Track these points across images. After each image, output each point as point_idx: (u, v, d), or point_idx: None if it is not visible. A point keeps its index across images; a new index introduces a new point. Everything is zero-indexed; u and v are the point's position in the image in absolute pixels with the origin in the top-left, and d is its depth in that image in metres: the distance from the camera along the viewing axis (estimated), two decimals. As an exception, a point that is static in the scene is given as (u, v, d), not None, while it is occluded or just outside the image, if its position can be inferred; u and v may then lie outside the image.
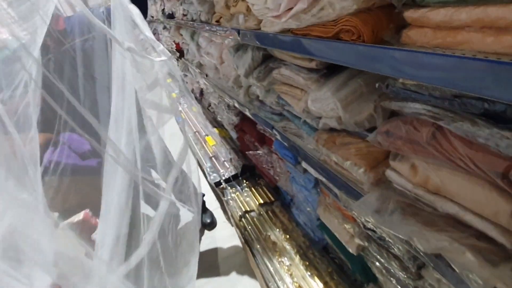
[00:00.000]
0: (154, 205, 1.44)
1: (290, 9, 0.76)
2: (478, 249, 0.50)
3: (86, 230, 1.62)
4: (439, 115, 0.56)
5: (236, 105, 1.87)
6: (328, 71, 0.98)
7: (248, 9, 1.16)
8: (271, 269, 1.62)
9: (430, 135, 0.58)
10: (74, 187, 1.71)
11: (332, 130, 0.99)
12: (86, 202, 1.78)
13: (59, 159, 1.75)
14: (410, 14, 0.54)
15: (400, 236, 0.63)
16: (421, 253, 0.66)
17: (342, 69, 0.93)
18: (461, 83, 0.45)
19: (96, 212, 1.62)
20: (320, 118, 1.03)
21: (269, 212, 1.97)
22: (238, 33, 1.25)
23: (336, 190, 1.14)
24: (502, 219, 0.48)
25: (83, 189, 1.80)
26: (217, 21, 1.59)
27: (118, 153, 1.13)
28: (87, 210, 1.74)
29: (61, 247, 0.96)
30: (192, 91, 4.13)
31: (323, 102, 0.89)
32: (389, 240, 0.94)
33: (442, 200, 0.59)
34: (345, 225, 1.27)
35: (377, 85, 0.71)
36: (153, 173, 1.73)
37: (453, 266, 0.55)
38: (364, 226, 1.11)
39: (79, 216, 1.67)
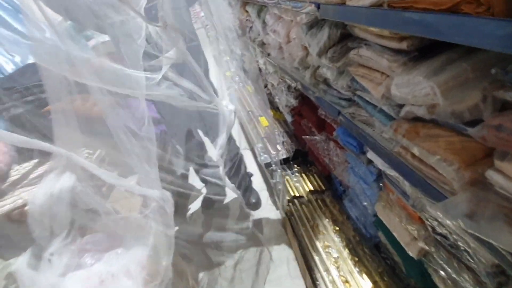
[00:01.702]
0: None
1: (396, -23, 0.67)
2: None
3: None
4: None
5: (299, 87, 1.80)
6: (419, 54, 0.88)
7: (334, -19, 1.08)
8: (316, 258, 1.58)
9: None
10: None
11: (415, 119, 0.90)
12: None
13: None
14: None
15: (502, 247, 0.54)
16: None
17: (436, 53, 0.83)
18: None
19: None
20: (402, 105, 0.94)
21: (319, 200, 1.91)
22: (318, 8, 1.17)
23: (407, 187, 1.04)
24: None
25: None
26: (293, -4, 1.51)
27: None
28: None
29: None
30: (250, 70, 4.11)
31: (413, 87, 0.80)
32: (468, 249, 0.85)
33: None
34: (408, 226, 1.17)
35: (493, 70, 0.61)
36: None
37: None
38: (434, 230, 1.02)
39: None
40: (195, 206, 2.55)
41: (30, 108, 2.78)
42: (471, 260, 0.87)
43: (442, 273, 1.04)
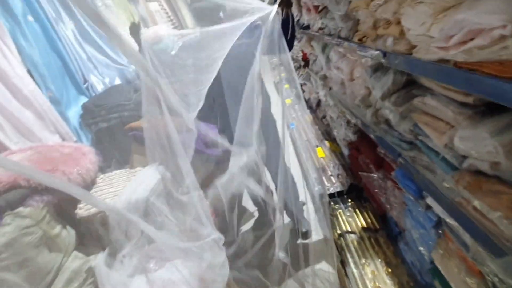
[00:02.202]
0: None
1: (463, 42, 0.73)
2: None
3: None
4: None
5: (359, 124, 1.85)
6: (486, 108, 0.90)
7: (402, 33, 1.14)
8: (366, 298, 1.56)
9: None
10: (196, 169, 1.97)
11: (478, 173, 0.91)
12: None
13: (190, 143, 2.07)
14: None
15: None
16: None
17: (503, 110, 0.84)
18: None
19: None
20: (465, 157, 0.95)
21: (372, 239, 1.88)
22: (384, 55, 1.24)
23: (468, 239, 1.03)
24: None
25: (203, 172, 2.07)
26: (360, 40, 1.60)
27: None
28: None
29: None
30: (309, 100, 4.22)
31: (477, 143, 0.83)
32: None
33: None
34: (467, 279, 1.13)
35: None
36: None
37: None
38: (494, 286, 0.98)
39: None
40: (246, 227, 2.66)
41: (114, 124, 3.18)
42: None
43: (504, 335, 0.98)
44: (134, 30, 1.89)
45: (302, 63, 4.06)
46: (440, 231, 1.32)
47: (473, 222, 0.90)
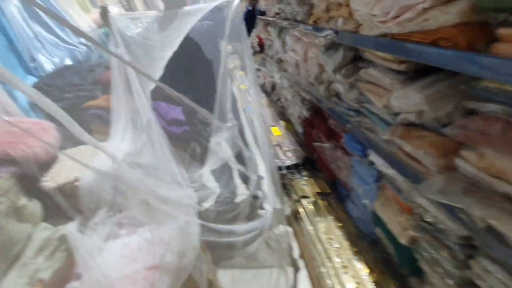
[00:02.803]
0: None
1: (396, 16, 0.94)
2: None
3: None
4: (510, 113, 0.70)
5: (313, 99, 2.07)
6: (415, 74, 1.14)
7: (350, 14, 1.35)
8: (320, 249, 1.79)
9: (501, 129, 0.72)
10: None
11: (408, 125, 1.15)
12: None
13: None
14: (502, 31, 0.69)
15: (453, 204, 0.78)
16: (475, 228, 0.80)
17: (427, 74, 1.09)
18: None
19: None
20: (398, 114, 1.19)
21: (324, 201, 2.14)
22: (336, 34, 1.44)
23: (401, 183, 1.28)
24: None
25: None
26: (314, 22, 1.80)
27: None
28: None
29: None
30: (264, 84, 4.41)
31: (407, 99, 1.06)
32: (443, 228, 1.08)
33: (501, 182, 0.73)
34: (401, 218, 1.40)
35: (462, 87, 0.86)
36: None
37: (500, 232, 0.70)
38: (421, 217, 1.25)
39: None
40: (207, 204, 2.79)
41: (68, 104, 3.08)
42: (446, 237, 1.09)
43: (426, 254, 1.26)
44: (104, 12, 1.92)
45: (258, 49, 4.22)
46: (380, 184, 1.59)
47: (405, 166, 1.15)
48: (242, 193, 2.24)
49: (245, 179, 2.36)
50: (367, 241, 1.78)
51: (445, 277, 1.16)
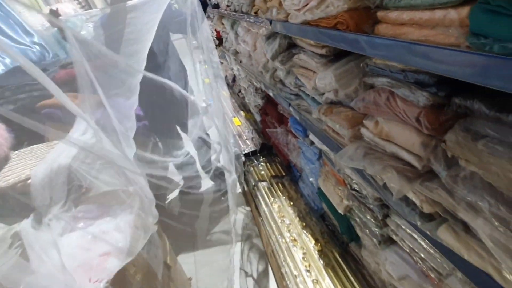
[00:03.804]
0: None
1: (306, 5, 1.04)
2: (401, 170, 0.77)
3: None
4: (392, 84, 0.83)
5: (263, 87, 2.17)
6: (335, 57, 1.25)
7: (280, 4, 1.45)
8: (273, 226, 1.91)
9: (386, 98, 0.84)
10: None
11: (331, 103, 1.27)
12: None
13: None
14: (379, 14, 0.81)
15: (357, 167, 0.90)
16: (375, 184, 0.93)
17: (345, 56, 1.21)
18: (400, 58, 0.72)
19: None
20: (323, 94, 1.31)
21: (279, 183, 2.26)
22: (270, 23, 1.54)
23: (331, 154, 1.41)
24: (416, 149, 0.75)
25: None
26: (255, 13, 1.89)
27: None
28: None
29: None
30: (226, 77, 4.47)
31: (325, 80, 1.17)
32: (365, 192, 1.21)
33: (388, 143, 0.86)
34: (338, 189, 1.53)
35: (361, 65, 0.98)
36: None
37: (387, 185, 0.82)
38: (351, 187, 1.38)
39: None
40: (173, 195, 2.86)
41: (22, 105, 3.01)
42: (368, 201, 1.23)
43: (358, 219, 1.40)
44: (53, 11, 1.92)
45: (217, 42, 4.26)
46: (321, 161, 1.72)
47: (331, 140, 1.27)
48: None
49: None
50: (316, 216, 1.92)
51: (371, 237, 1.31)
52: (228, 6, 2.77)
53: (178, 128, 2.53)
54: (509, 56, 0.47)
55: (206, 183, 2.70)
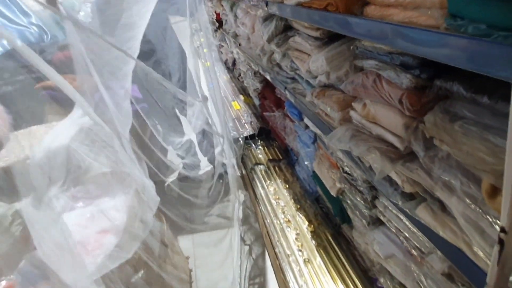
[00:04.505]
0: None
1: (299, -14, 1.04)
2: (384, 151, 0.79)
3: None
4: (380, 66, 0.83)
5: (261, 70, 2.17)
6: (329, 40, 1.25)
7: (276, -15, 1.44)
8: (269, 208, 1.95)
9: (373, 81, 0.85)
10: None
11: (324, 86, 1.28)
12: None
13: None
14: (368, -5, 0.81)
15: (345, 148, 0.92)
16: (362, 166, 0.95)
17: (339, 40, 1.21)
18: (385, 40, 0.72)
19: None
20: (316, 77, 1.31)
21: (276, 167, 2.29)
22: (266, 4, 1.53)
23: (324, 138, 1.43)
24: (399, 130, 0.76)
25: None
26: (253, -6, 1.87)
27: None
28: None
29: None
30: (226, 61, 4.45)
31: (318, 63, 1.18)
32: (355, 174, 1.24)
33: (374, 125, 0.87)
34: (331, 172, 1.56)
35: (351, 47, 0.98)
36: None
37: (372, 166, 0.84)
38: (343, 170, 1.41)
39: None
40: (171, 178, 2.90)
41: (20, 87, 3.03)
42: (358, 183, 1.26)
43: (349, 201, 1.43)
44: None
45: (217, 25, 4.22)
46: (316, 145, 1.74)
47: (324, 123, 1.28)
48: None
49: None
50: (310, 199, 1.96)
51: (361, 218, 1.34)
52: (227, -13, 2.73)
53: (177, 111, 2.54)
54: (482, 37, 0.48)
55: (205, 166, 2.73)
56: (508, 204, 0.41)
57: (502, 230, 0.43)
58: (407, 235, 1.03)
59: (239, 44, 2.93)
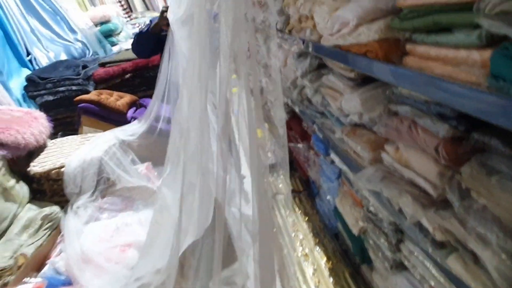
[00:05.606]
0: None
1: (339, 30, 1.10)
2: (417, 196, 0.80)
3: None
4: (415, 113, 0.87)
5: (289, 102, 2.23)
6: (362, 81, 1.30)
7: (314, 26, 1.52)
8: (287, 239, 1.94)
9: (408, 126, 0.88)
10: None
11: (355, 125, 1.31)
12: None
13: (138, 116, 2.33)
14: (408, 46, 0.86)
15: (375, 189, 0.94)
16: (391, 208, 0.96)
17: (372, 82, 1.25)
18: (424, 90, 0.76)
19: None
20: (348, 115, 1.35)
21: (296, 198, 2.29)
22: (303, 42, 1.61)
23: (350, 174, 1.44)
24: (433, 177, 0.78)
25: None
26: (289, 31, 1.97)
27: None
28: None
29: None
30: (253, 89, 4.58)
31: (350, 102, 1.22)
32: (381, 215, 1.24)
33: (406, 169, 0.89)
34: (354, 210, 1.55)
35: (387, 92, 1.02)
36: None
37: (402, 209, 0.86)
38: (367, 209, 1.41)
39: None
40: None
41: (61, 97, 3.22)
42: (383, 225, 1.25)
43: (371, 242, 1.41)
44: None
45: (248, 54, 4.39)
46: (340, 180, 1.75)
47: (352, 161, 1.31)
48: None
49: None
50: (330, 234, 1.94)
51: (384, 261, 1.32)
52: (263, 21, 2.88)
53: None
54: (524, 100, 0.51)
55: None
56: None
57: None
58: (432, 283, 1.01)
59: (269, 75, 3.03)
